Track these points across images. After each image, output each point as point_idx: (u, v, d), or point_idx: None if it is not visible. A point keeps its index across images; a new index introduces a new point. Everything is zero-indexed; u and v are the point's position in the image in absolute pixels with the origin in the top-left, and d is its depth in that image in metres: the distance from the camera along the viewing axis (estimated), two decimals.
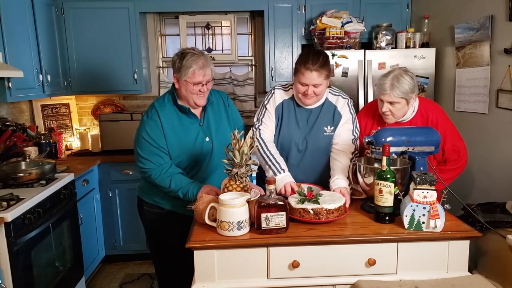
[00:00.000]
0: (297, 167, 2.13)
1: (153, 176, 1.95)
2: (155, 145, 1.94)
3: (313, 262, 1.57)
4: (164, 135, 1.96)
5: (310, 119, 2.11)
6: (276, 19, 3.48)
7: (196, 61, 1.90)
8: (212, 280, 1.57)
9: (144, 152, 1.95)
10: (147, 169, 1.96)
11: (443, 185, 1.83)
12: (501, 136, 2.55)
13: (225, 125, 2.11)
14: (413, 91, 2.00)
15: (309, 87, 1.97)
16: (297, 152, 2.13)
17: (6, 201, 2.05)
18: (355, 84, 3.14)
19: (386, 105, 2.03)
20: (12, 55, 2.60)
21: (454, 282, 1.53)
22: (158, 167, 1.94)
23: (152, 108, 2.02)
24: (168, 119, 1.99)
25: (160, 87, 3.90)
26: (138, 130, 2.01)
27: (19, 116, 3.32)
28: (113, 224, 3.42)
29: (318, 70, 1.94)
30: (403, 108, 2.04)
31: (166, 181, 1.92)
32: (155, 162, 1.94)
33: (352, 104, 2.15)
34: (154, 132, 1.95)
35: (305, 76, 1.95)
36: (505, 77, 2.46)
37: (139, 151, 1.97)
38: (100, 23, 3.41)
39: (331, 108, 2.11)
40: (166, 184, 1.93)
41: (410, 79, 1.99)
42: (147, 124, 1.97)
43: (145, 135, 1.95)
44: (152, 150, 1.94)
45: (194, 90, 1.94)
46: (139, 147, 1.97)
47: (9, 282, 2.00)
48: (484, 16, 2.60)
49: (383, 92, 2.01)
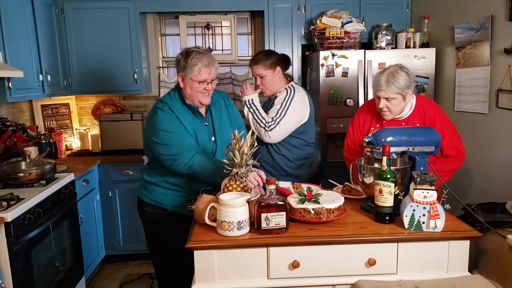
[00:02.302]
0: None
1: (186, 160, 1.86)
2: (177, 131, 1.89)
3: (313, 262, 1.57)
4: (182, 124, 1.92)
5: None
6: (276, 19, 3.49)
7: (201, 59, 1.90)
8: (212, 280, 1.57)
9: (170, 140, 1.87)
10: (177, 155, 1.86)
11: (444, 179, 1.84)
12: (501, 136, 2.55)
13: (227, 125, 2.11)
14: (409, 86, 2.02)
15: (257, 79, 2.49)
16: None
17: (6, 201, 2.05)
18: (355, 84, 3.14)
19: (383, 101, 2.05)
20: (12, 55, 2.60)
21: (454, 282, 1.53)
22: (191, 149, 1.87)
23: (163, 105, 1.96)
24: (181, 114, 1.95)
25: (160, 87, 3.90)
26: (154, 126, 1.92)
27: (19, 116, 3.32)
28: (113, 224, 3.42)
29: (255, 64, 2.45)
30: (400, 104, 2.06)
31: (204, 161, 1.86)
32: (186, 145, 1.87)
33: (291, 96, 2.46)
34: (173, 122, 1.90)
35: (252, 70, 2.51)
36: (505, 77, 2.46)
37: (162, 141, 1.88)
38: (100, 23, 3.41)
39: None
40: (205, 163, 1.85)
41: (406, 75, 2.02)
42: (164, 118, 1.90)
43: (164, 127, 1.88)
44: (176, 137, 1.88)
45: (199, 89, 1.93)
46: (160, 140, 1.89)
47: (9, 282, 2.00)
48: (484, 16, 2.60)
49: (379, 88, 2.04)
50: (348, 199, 1.91)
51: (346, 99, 3.15)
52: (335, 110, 3.16)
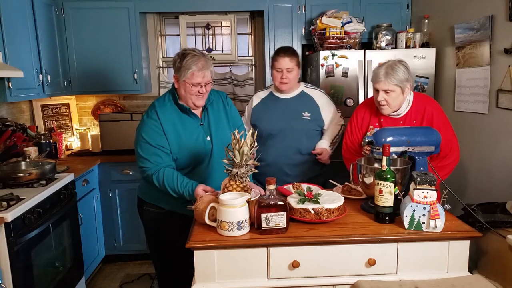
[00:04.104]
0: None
1: (149, 175, 1.95)
2: (154, 144, 1.94)
3: (313, 262, 1.57)
4: (164, 134, 1.96)
5: (287, 107, 2.52)
6: (276, 19, 3.48)
7: (196, 63, 1.90)
8: (212, 280, 1.57)
9: (143, 151, 1.96)
10: (145, 168, 1.96)
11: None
12: (501, 136, 2.55)
13: (224, 125, 2.11)
14: (408, 80, 2.04)
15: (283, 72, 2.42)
16: (274, 137, 2.50)
17: (6, 201, 2.05)
18: (355, 84, 3.14)
19: (381, 94, 2.06)
20: (12, 55, 2.60)
21: (454, 282, 1.53)
22: (156, 165, 1.94)
23: (152, 108, 2.02)
24: (168, 119, 1.99)
25: (160, 87, 3.90)
26: (138, 130, 2.01)
27: (19, 116, 3.32)
28: (113, 224, 3.42)
29: (289, 56, 2.41)
30: (398, 98, 2.06)
31: (160, 177, 1.92)
32: (153, 161, 1.95)
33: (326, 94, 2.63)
34: (153, 132, 1.95)
35: (279, 61, 2.41)
36: (505, 77, 2.46)
37: (138, 150, 1.98)
38: (100, 23, 3.41)
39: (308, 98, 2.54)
40: (160, 180, 1.92)
41: (404, 68, 2.04)
42: (146, 124, 1.98)
43: (144, 134, 1.96)
44: (150, 149, 1.95)
45: (193, 91, 1.94)
46: (138, 147, 1.98)
47: (9, 282, 2.00)
48: (484, 16, 2.60)
49: (377, 80, 2.05)
50: (348, 199, 1.91)
51: (346, 99, 3.15)
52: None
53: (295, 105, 2.52)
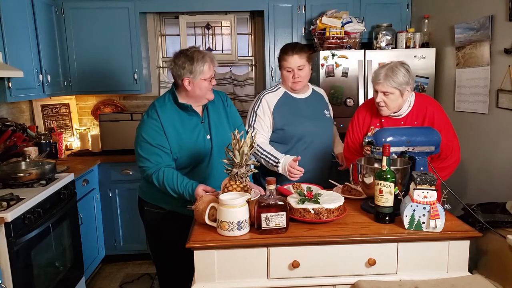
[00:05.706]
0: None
1: (149, 174, 1.95)
2: (154, 143, 1.95)
3: (313, 262, 1.57)
4: (164, 134, 1.96)
5: (309, 107, 2.37)
6: (276, 19, 3.48)
7: (204, 57, 1.95)
8: (212, 280, 1.57)
9: (143, 151, 1.96)
10: (145, 168, 1.97)
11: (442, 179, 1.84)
12: (501, 136, 2.55)
13: (224, 125, 2.11)
14: (408, 83, 2.02)
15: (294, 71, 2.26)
16: (305, 139, 2.34)
17: (6, 201, 2.05)
18: (355, 84, 3.14)
19: (380, 95, 2.06)
20: (12, 55, 2.60)
21: (454, 282, 1.53)
22: (156, 165, 1.95)
23: (152, 108, 2.02)
24: (168, 118, 1.99)
25: (160, 87, 3.90)
26: (138, 130, 2.01)
27: (19, 116, 3.32)
28: (113, 224, 3.42)
29: (298, 53, 2.25)
30: (397, 100, 2.06)
31: (160, 177, 1.92)
32: (153, 161, 1.95)
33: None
34: (153, 131, 1.96)
35: (288, 61, 2.25)
36: (505, 77, 2.46)
37: (138, 150, 1.98)
38: (100, 23, 3.41)
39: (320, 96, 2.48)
40: (159, 180, 1.93)
41: (405, 71, 2.03)
42: (147, 123, 1.98)
43: (144, 134, 1.96)
44: (150, 149, 1.95)
45: (209, 86, 1.99)
46: (138, 146, 1.98)
47: (9, 282, 2.00)
48: (484, 16, 2.60)
49: (377, 81, 2.05)
50: (348, 199, 1.91)
51: (346, 99, 3.15)
52: (335, 110, 3.13)
53: (315, 104, 2.42)
